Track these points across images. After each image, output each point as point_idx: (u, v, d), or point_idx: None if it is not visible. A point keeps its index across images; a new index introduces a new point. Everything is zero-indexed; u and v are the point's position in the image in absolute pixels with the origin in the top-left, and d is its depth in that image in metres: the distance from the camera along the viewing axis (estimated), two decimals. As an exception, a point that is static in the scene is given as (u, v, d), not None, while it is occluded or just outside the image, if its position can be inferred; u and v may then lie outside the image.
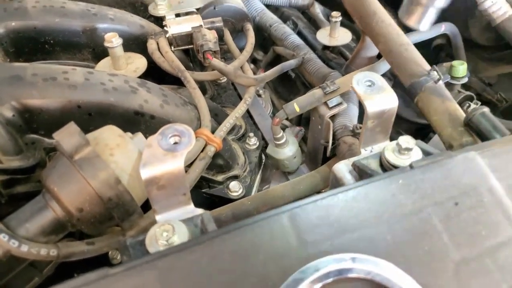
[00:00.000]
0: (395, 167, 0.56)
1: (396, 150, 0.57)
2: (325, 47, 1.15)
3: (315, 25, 1.27)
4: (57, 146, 0.53)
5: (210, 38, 0.82)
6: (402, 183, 0.47)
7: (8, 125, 0.60)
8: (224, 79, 1.04)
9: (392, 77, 1.06)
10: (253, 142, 0.91)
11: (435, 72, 0.70)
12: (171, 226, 0.49)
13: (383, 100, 0.62)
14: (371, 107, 0.62)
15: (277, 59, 1.17)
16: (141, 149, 0.59)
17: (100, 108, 0.66)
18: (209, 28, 0.86)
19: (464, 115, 0.66)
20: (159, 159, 0.50)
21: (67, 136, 0.51)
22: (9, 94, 0.62)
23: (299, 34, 1.20)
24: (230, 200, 0.80)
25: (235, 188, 0.83)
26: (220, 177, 0.84)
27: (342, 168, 0.62)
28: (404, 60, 0.73)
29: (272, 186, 0.94)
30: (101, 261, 0.63)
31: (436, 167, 0.48)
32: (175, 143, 0.52)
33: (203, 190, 0.83)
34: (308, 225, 0.44)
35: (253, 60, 1.33)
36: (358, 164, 0.59)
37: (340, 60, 1.13)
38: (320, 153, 0.87)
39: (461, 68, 0.88)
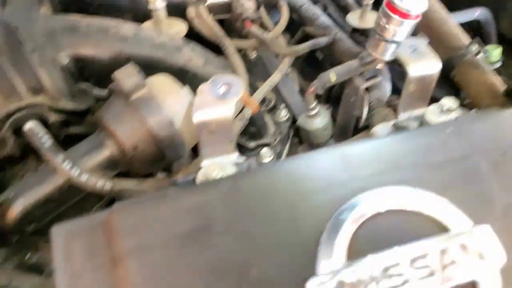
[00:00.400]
0: (436, 128, 0.58)
1: (438, 111, 0.59)
2: (354, 30, 1.17)
3: (343, 11, 1.29)
4: (114, 87, 0.56)
5: (249, 6, 0.84)
6: (451, 130, 0.49)
7: (63, 71, 0.63)
8: (254, 55, 1.06)
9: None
10: (283, 114, 0.93)
11: (475, 46, 0.72)
12: (221, 166, 0.51)
13: (425, 65, 0.64)
14: (413, 72, 0.63)
15: (305, 40, 1.19)
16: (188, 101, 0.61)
17: (147, 62, 0.68)
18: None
19: (497, 86, 0.68)
20: (211, 105, 0.53)
21: (127, 75, 0.54)
22: (66, 43, 0.65)
23: (329, 16, 1.22)
24: (260, 167, 0.82)
25: (266, 155, 0.85)
26: (251, 144, 0.86)
27: (382, 130, 0.64)
28: (443, 34, 0.75)
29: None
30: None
31: (484, 119, 0.50)
32: (224, 92, 0.54)
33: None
34: (359, 161, 0.45)
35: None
36: (400, 125, 0.61)
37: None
38: (352, 126, 0.89)
39: (495, 52, 0.90)
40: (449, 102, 0.58)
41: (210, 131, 0.54)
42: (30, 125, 0.56)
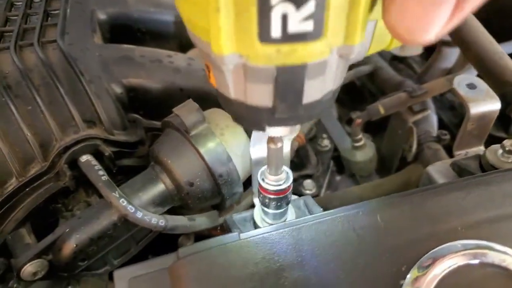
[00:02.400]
0: (496, 168, 0.55)
1: (499, 152, 0.56)
2: (394, 58, 1.15)
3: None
4: (172, 120, 0.55)
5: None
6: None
7: (116, 101, 0.63)
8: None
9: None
10: (325, 143, 0.91)
11: (529, 80, 0.69)
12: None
13: (486, 103, 0.62)
14: (474, 109, 0.61)
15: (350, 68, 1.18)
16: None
17: (199, 93, 0.68)
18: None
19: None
20: (264, 141, 0.51)
21: (187, 112, 0.53)
22: (119, 73, 0.64)
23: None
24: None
25: (309, 186, 0.84)
26: (294, 175, 0.84)
27: (438, 168, 0.62)
28: (499, 69, 0.72)
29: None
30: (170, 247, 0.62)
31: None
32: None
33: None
34: (439, 212, 0.43)
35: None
36: (459, 164, 0.59)
37: (408, 71, 1.13)
38: (397, 159, 0.86)
39: None
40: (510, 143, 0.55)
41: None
42: (86, 158, 0.55)
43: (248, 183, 0.59)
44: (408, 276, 0.37)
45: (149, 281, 0.40)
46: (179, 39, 0.88)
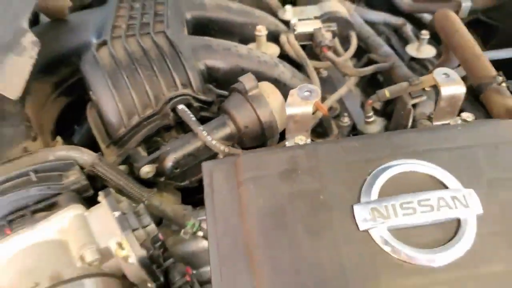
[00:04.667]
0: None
1: (459, 122, 0.82)
2: (412, 59, 1.41)
3: (403, 42, 1.54)
4: (236, 86, 0.86)
5: (327, 36, 1.12)
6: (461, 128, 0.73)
7: (200, 74, 0.94)
8: (325, 73, 1.34)
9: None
10: (345, 120, 1.18)
11: (499, 77, 0.94)
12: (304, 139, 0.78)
13: (454, 87, 0.87)
14: (445, 92, 0.87)
15: (369, 65, 1.44)
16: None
17: (254, 73, 0.97)
18: (326, 31, 1.16)
19: (515, 108, 0.89)
20: (297, 103, 0.81)
21: (247, 79, 0.84)
22: (202, 55, 0.96)
23: (391, 47, 1.47)
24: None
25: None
26: (318, 141, 1.13)
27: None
28: (476, 67, 0.97)
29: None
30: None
31: (487, 124, 0.74)
32: (307, 96, 0.82)
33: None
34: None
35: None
36: (431, 128, 0.85)
37: (423, 71, 1.38)
38: (399, 133, 1.12)
39: None
40: (466, 115, 0.82)
41: (295, 121, 0.82)
42: (182, 107, 0.87)
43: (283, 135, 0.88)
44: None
45: (223, 168, 0.69)
46: (242, 36, 1.19)
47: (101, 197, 0.73)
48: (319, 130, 1.14)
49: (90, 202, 0.77)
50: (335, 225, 0.59)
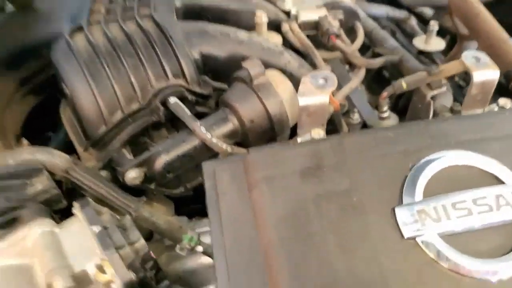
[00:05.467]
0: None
1: (495, 108, 0.71)
2: (420, 53, 1.30)
3: (409, 37, 1.44)
4: (239, 74, 0.73)
5: (335, 24, 1.01)
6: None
7: (194, 63, 0.81)
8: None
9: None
10: (355, 117, 1.06)
11: (531, 63, 0.83)
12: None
13: (487, 72, 0.76)
14: (477, 77, 0.76)
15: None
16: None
17: (257, 61, 0.85)
18: (333, 19, 1.05)
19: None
20: (312, 93, 0.68)
21: (252, 64, 0.71)
22: (197, 42, 0.83)
23: (396, 40, 1.37)
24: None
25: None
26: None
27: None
28: (504, 53, 0.87)
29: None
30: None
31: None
32: (323, 84, 0.69)
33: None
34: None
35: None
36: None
37: (431, 64, 1.28)
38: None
39: None
40: (504, 101, 0.70)
41: (309, 114, 0.69)
42: (174, 100, 0.73)
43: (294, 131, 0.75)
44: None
45: (229, 168, 0.56)
46: (238, 24, 1.06)
47: (76, 209, 0.58)
48: (329, 128, 1.02)
49: (64, 216, 0.62)
50: (373, 233, 0.48)
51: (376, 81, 1.40)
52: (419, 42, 1.28)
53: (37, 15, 0.95)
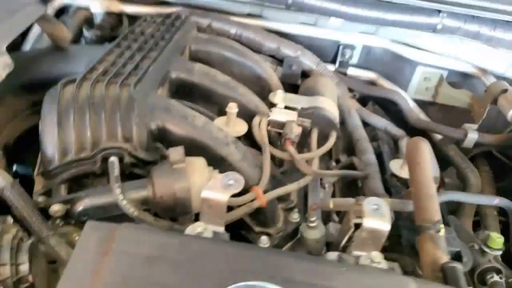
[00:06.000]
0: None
1: (368, 261, 0.78)
2: (394, 175, 1.36)
3: (395, 155, 1.49)
4: (166, 155, 0.87)
5: (295, 131, 1.12)
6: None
7: (149, 133, 0.97)
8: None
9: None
10: (295, 216, 1.15)
11: (440, 225, 0.88)
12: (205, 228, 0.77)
13: (377, 222, 0.82)
14: (367, 224, 0.82)
15: (350, 168, 1.41)
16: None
17: (203, 146, 0.99)
18: (298, 125, 1.17)
19: (441, 263, 0.82)
20: (216, 189, 0.80)
21: (176, 152, 0.85)
22: (159, 116, 0.99)
23: (379, 155, 1.43)
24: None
25: (264, 242, 1.08)
26: (257, 228, 1.10)
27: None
28: (422, 206, 0.92)
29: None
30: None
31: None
32: (229, 185, 0.81)
33: (242, 231, 1.09)
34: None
35: (336, 161, 1.58)
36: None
37: (402, 189, 1.32)
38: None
39: (498, 240, 1.01)
40: (376, 256, 0.77)
41: (209, 206, 0.81)
42: (113, 159, 0.90)
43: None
44: None
45: (100, 233, 0.69)
46: (221, 107, 1.22)
47: (-13, 223, 0.75)
48: (262, 218, 1.11)
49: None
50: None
51: (349, 189, 1.47)
52: (395, 165, 1.34)
53: (65, 54, 1.19)
